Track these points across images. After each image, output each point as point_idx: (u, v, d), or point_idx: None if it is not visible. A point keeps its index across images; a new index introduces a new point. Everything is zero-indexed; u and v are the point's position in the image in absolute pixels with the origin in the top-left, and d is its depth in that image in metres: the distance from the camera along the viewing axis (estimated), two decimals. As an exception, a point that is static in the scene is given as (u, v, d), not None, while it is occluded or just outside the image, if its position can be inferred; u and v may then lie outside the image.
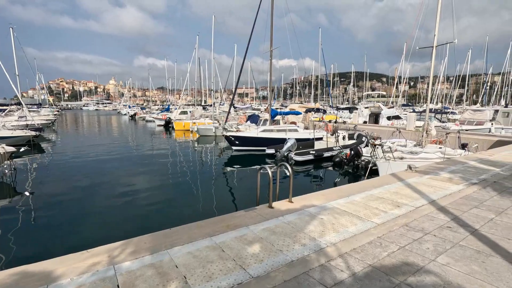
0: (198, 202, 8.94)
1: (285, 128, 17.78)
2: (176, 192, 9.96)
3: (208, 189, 10.56)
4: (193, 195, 9.72)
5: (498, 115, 21.15)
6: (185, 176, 12.13)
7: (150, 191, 9.95)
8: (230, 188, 10.93)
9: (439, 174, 6.43)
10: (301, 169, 13.54)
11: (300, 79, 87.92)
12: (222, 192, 10.17)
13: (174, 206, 8.51)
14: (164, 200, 9.03)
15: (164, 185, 10.70)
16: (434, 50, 10.69)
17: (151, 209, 8.10)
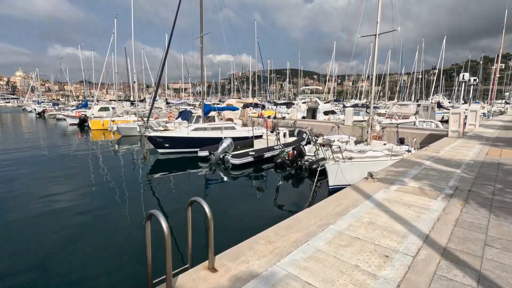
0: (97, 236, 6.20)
1: (220, 126, 15.65)
2: (70, 225, 6.94)
3: (119, 211, 7.80)
4: (94, 226, 6.87)
5: (420, 109, 22.75)
6: (89, 196, 9.02)
7: (33, 221, 6.75)
8: (148, 206, 8.37)
9: (406, 183, 5.16)
10: (239, 173, 11.64)
11: (238, 74, 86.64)
12: (137, 218, 7.55)
13: (72, 242, 5.64)
14: (56, 230, 6.05)
15: (57, 210, 7.53)
16: (377, 38, 9.89)
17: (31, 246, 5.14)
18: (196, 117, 17.77)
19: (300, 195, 9.50)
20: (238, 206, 8.27)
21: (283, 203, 8.60)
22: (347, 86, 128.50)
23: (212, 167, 12.40)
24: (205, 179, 11.39)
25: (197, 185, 10.65)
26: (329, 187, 8.41)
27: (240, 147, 14.37)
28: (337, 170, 8.14)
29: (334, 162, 8.11)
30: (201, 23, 15.69)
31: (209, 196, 9.33)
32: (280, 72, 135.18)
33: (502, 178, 5.51)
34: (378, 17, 9.61)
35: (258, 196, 9.35)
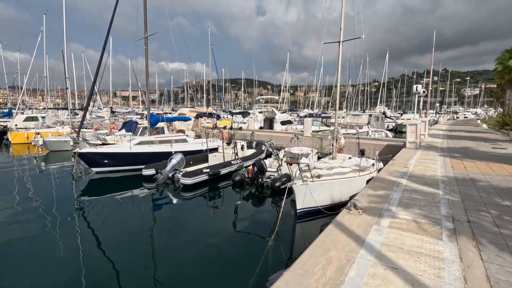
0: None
1: (170, 139, 13.80)
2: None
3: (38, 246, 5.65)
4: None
5: (371, 119, 23.52)
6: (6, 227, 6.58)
7: None
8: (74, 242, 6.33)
9: (395, 214, 4.24)
10: (191, 195, 10.01)
11: (192, 83, 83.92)
12: (55, 257, 5.51)
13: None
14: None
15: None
16: (341, 46, 9.33)
17: None
18: (142, 129, 15.62)
19: (263, 218, 8.27)
20: (189, 234, 6.74)
21: (243, 228, 7.28)
22: (299, 96, 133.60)
23: (159, 188, 10.55)
24: (150, 202, 9.54)
25: (140, 210, 8.76)
26: (297, 210, 7.33)
27: (192, 162, 12.75)
28: (305, 191, 7.10)
29: (302, 182, 7.06)
30: (145, 23, 13.86)
31: (154, 223, 7.62)
32: (235, 82, 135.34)
33: (488, 200, 4.94)
34: (342, 24, 9.06)
35: (214, 221, 7.89)
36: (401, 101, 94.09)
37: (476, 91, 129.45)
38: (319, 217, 7.49)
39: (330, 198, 7.74)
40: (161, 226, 7.56)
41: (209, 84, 61.70)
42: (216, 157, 13.06)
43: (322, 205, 7.38)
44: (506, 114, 24.43)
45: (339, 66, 9.53)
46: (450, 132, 21.31)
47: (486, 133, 20.96)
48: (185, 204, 9.43)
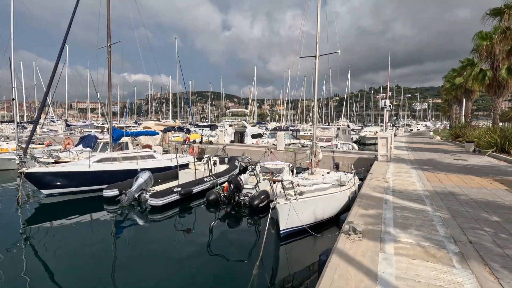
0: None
1: (135, 155, 12.67)
2: None
3: None
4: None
5: (339, 132, 24.19)
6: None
7: None
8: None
9: (396, 238, 3.96)
10: (161, 217, 9.07)
11: (157, 95, 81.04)
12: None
13: None
14: None
15: None
16: (317, 60, 9.31)
17: None
18: (103, 144, 14.23)
19: (242, 240, 7.64)
20: (159, 261, 5.91)
21: (221, 253, 6.61)
22: (265, 109, 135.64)
23: (123, 210, 9.45)
24: (113, 227, 8.43)
25: (100, 237, 7.64)
26: (281, 231, 6.86)
27: (161, 180, 11.78)
28: (289, 211, 6.67)
29: (285, 201, 6.63)
30: (108, 30, 12.85)
31: (117, 251, 6.63)
32: (201, 94, 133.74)
33: (477, 216, 4.91)
34: (317, 38, 9.06)
35: (187, 245, 7.09)
36: (361, 114, 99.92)
37: (425, 105, 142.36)
38: (303, 237, 7.09)
39: (314, 216, 7.40)
40: (125, 254, 6.61)
41: (175, 96, 60.08)
42: (187, 173, 12.23)
43: (306, 223, 6.98)
44: (457, 127, 26.65)
45: (316, 79, 9.49)
46: (411, 144, 22.59)
47: (442, 144, 22.56)
48: (154, 228, 8.49)
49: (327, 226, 7.79)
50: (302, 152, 15.77)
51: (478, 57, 21.21)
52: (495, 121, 21.88)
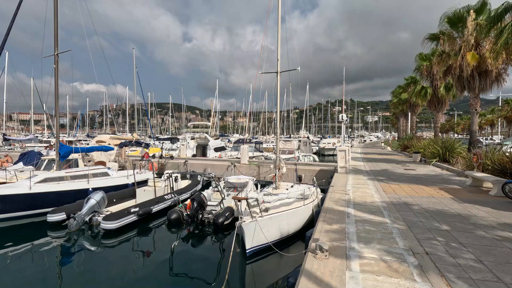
0: None
1: (86, 173, 11.60)
2: None
3: None
4: None
5: (301, 144, 24.92)
6: None
7: None
8: None
9: (361, 254, 4.03)
10: (116, 241, 8.31)
11: (112, 106, 76.53)
12: None
13: None
14: None
15: None
16: (279, 76, 9.52)
17: None
18: (47, 162, 12.84)
19: (207, 261, 7.28)
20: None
21: (184, 276, 6.22)
22: (227, 121, 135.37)
23: (71, 237, 8.49)
24: (59, 256, 7.50)
25: (44, 268, 6.71)
26: (247, 250, 6.66)
27: (116, 200, 10.93)
28: (254, 229, 6.54)
29: (251, 219, 6.49)
30: (55, 39, 11.84)
31: (64, 283, 5.87)
32: (162, 106, 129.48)
33: (430, 226, 5.26)
34: (278, 55, 9.30)
35: (146, 270, 6.54)
36: (319, 126, 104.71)
37: (376, 118, 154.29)
38: (269, 254, 6.97)
39: (279, 232, 7.35)
40: (73, 285, 5.87)
41: (133, 108, 57.38)
42: (146, 191, 11.51)
43: (272, 241, 6.90)
44: (405, 138, 29.09)
45: (278, 93, 9.68)
46: (366, 155, 24.06)
47: (393, 155, 24.39)
48: (108, 254, 7.75)
49: (292, 241, 7.78)
50: (265, 165, 15.86)
51: (420, 76, 23.60)
52: (436, 133, 24.33)
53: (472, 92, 15.16)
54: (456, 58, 14.95)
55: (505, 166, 9.41)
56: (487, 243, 4.43)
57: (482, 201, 7.23)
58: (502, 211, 6.31)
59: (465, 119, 66.94)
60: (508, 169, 9.14)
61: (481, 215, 6.01)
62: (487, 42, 14.05)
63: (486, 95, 16.62)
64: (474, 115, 15.55)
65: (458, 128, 66.97)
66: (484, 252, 4.07)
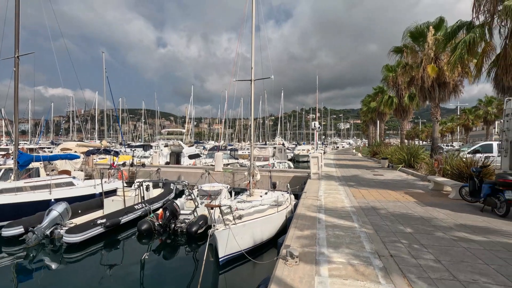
0: None
1: (48, 183, 10.87)
2: None
3: None
4: None
5: (276, 151, 25.19)
6: None
7: None
8: None
9: (330, 259, 4.14)
10: (80, 255, 7.82)
11: (80, 112, 72.78)
12: None
13: None
14: None
15: None
16: (253, 84, 9.62)
17: None
18: (4, 172, 11.87)
19: (180, 272, 7.07)
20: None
21: (156, 286, 5.97)
22: (203, 128, 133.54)
23: (29, 252, 7.87)
24: (14, 274, 6.91)
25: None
26: (220, 258, 6.56)
27: (82, 211, 10.35)
28: (228, 237, 6.46)
29: (224, 226, 6.42)
30: (16, 40, 11.14)
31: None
32: (134, 112, 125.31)
33: (395, 229, 5.51)
34: (252, 63, 9.42)
35: (113, 285, 6.21)
36: (294, 133, 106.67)
37: (348, 125, 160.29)
38: (242, 263, 6.90)
39: (253, 240, 7.32)
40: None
41: (103, 114, 55.08)
42: (115, 202, 11.00)
43: (245, 248, 6.85)
44: (374, 145, 30.43)
45: (252, 101, 9.78)
46: (338, 161, 24.84)
47: (363, 161, 25.40)
48: (70, 269, 7.28)
49: (266, 248, 7.78)
50: (240, 173, 15.82)
51: (386, 86, 24.96)
52: (402, 140, 25.71)
53: (433, 101, 16.27)
54: (418, 70, 16.02)
55: (462, 170, 10.15)
56: (445, 243, 4.72)
57: (442, 204, 7.72)
58: (459, 213, 6.78)
59: (428, 127, 71.54)
60: (465, 174, 9.86)
61: (441, 217, 6.41)
62: (445, 56, 15.23)
63: (446, 104, 17.96)
64: (435, 123, 16.67)
65: (423, 135, 71.37)
66: (442, 252, 4.34)
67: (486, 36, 9.50)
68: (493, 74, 9.86)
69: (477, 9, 9.22)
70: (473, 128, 52.65)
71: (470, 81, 15.69)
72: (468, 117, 46.07)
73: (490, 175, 9.19)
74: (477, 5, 9.14)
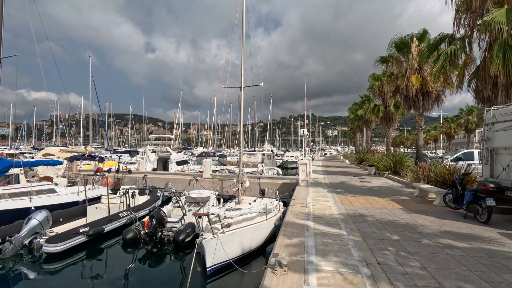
0: None
1: (28, 190, 10.45)
2: None
3: None
4: None
5: (265, 157, 25.22)
6: None
7: None
8: None
9: (319, 267, 4.12)
10: (60, 266, 7.51)
11: (64, 116, 70.83)
12: None
13: None
14: None
15: None
16: (242, 91, 9.64)
17: None
18: (-19, 178, 11.34)
19: (166, 282, 6.90)
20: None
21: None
22: (191, 134, 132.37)
23: (6, 263, 7.49)
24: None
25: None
26: (207, 268, 6.43)
27: (63, 219, 10.00)
28: (215, 246, 6.36)
29: (212, 236, 6.32)
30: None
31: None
32: (121, 117, 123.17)
33: (382, 236, 5.57)
34: (242, 70, 9.45)
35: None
36: (283, 139, 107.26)
37: (335, 132, 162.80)
38: (230, 272, 6.81)
39: (241, 248, 7.24)
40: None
41: (88, 118, 53.87)
42: (98, 209, 10.69)
43: (233, 257, 6.78)
44: (361, 152, 30.93)
45: (242, 108, 9.79)
46: (326, 168, 25.07)
47: (350, 168, 25.73)
48: (50, 280, 6.98)
49: (254, 257, 7.70)
50: (229, 179, 15.71)
51: (373, 94, 25.55)
52: (388, 147, 26.26)
53: (417, 110, 16.76)
54: (403, 79, 16.51)
55: (445, 178, 10.42)
56: (430, 250, 4.80)
57: (427, 211, 7.88)
58: (444, 220, 6.93)
59: (413, 134, 73.39)
60: (448, 181, 10.13)
61: (426, 224, 6.53)
62: (428, 67, 15.77)
63: (430, 113, 18.54)
64: (419, 131, 17.14)
65: (407, 143, 73.17)
66: (428, 259, 4.40)
67: (466, 48, 9.91)
68: (474, 85, 10.27)
69: (457, 23, 9.64)
70: (455, 136, 54.51)
71: (451, 91, 16.28)
72: (451, 126, 47.65)
73: (472, 182, 9.47)
74: (458, 19, 9.55)
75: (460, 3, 9.37)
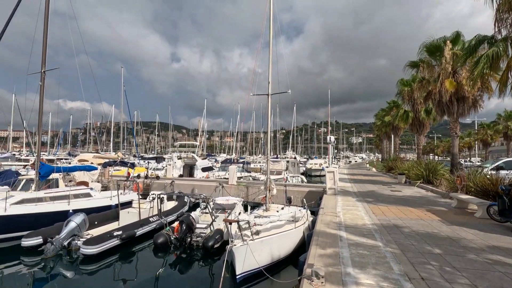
0: None
1: (67, 194, 11.06)
2: None
3: None
4: None
5: (289, 165, 24.98)
6: None
7: None
8: None
9: (357, 280, 3.97)
10: (96, 267, 7.81)
11: (96, 124, 74.90)
12: None
13: None
14: None
15: None
16: (269, 98, 9.67)
17: None
18: (25, 182, 12.20)
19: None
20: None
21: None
22: (215, 141, 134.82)
23: (47, 263, 7.92)
24: (31, 286, 6.94)
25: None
26: (237, 276, 6.40)
27: (98, 222, 10.43)
28: (245, 253, 6.32)
29: (242, 242, 6.30)
30: (43, 57, 11.69)
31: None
32: (147, 125, 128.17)
33: (422, 249, 5.26)
34: (269, 78, 9.51)
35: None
36: (306, 147, 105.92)
37: (360, 139, 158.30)
38: (261, 281, 6.72)
39: (271, 256, 7.14)
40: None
41: (118, 126, 56.28)
42: (130, 213, 11.07)
43: (263, 265, 6.70)
44: (389, 160, 29.78)
45: (269, 115, 9.82)
46: (352, 176, 24.35)
47: (378, 176, 24.80)
48: (87, 281, 7.26)
49: (284, 266, 7.57)
50: (254, 186, 15.70)
51: (401, 100, 24.65)
52: (419, 155, 25.08)
53: (451, 116, 15.90)
54: (435, 84, 15.78)
55: (487, 188, 9.72)
56: (479, 267, 4.45)
57: (469, 223, 7.36)
58: (489, 233, 6.43)
59: (444, 142, 69.65)
60: (491, 191, 9.43)
61: (470, 237, 6.09)
62: (463, 70, 14.98)
63: (463, 119, 17.51)
64: (454, 138, 16.22)
65: (438, 150, 69.45)
66: (478, 276, 4.08)
67: (509, 50, 9.30)
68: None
69: (499, 23, 9.09)
70: (492, 144, 50.96)
71: (490, 96, 15.33)
72: (487, 132, 44.66)
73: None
74: (499, 19, 9.01)
75: (501, 2, 8.84)
